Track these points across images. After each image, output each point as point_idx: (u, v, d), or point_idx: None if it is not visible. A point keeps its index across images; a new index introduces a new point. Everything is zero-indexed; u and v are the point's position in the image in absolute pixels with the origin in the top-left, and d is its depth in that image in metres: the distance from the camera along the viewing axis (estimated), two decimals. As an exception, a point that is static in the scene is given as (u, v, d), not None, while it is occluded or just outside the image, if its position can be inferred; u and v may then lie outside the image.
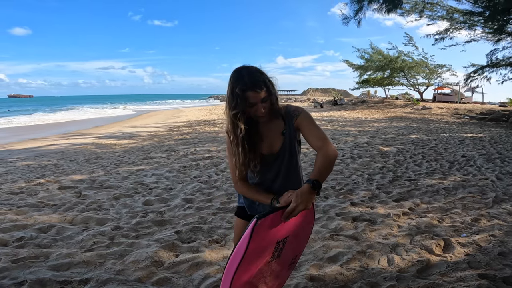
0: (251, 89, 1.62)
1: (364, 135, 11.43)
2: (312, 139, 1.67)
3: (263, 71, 1.71)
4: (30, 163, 7.84)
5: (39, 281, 2.51)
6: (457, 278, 2.49)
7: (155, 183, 5.56)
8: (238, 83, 1.64)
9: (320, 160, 1.57)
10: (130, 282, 2.56)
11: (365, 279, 2.52)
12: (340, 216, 3.89)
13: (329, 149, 1.59)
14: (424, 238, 3.25)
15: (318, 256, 2.92)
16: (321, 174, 1.53)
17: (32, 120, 26.81)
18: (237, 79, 1.66)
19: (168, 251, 3.08)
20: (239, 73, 1.67)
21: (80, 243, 3.26)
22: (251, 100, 1.64)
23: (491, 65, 18.58)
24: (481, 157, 7.40)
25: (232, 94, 1.66)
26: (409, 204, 4.30)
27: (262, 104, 1.66)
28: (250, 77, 1.64)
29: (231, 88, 1.67)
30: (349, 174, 6.02)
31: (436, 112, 22.16)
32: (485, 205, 4.22)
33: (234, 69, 1.72)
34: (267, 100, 1.67)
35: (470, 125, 15.37)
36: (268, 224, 1.47)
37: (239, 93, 1.63)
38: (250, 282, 1.59)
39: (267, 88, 1.66)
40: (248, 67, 1.69)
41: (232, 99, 1.66)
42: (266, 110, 1.70)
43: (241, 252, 1.44)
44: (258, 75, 1.66)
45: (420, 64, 32.34)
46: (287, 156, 1.77)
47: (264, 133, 1.79)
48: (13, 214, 4.04)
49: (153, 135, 13.22)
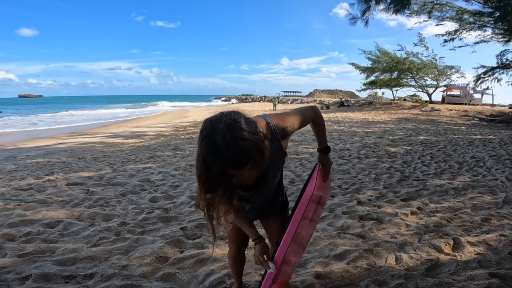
0: (233, 169, 1.26)
1: (371, 136, 11.35)
2: (301, 126, 1.66)
3: (246, 127, 1.25)
4: (39, 160, 7.91)
5: (44, 275, 2.51)
6: (467, 276, 2.44)
7: (161, 180, 5.56)
8: (214, 160, 1.23)
9: (315, 130, 1.83)
10: (135, 277, 2.55)
11: (372, 277, 2.48)
12: (347, 215, 3.85)
13: (313, 118, 1.75)
14: (433, 237, 3.20)
15: (324, 254, 2.89)
16: (322, 139, 1.86)
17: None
18: (211, 151, 1.23)
19: (173, 247, 3.07)
20: (214, 143, 1.22)
21: (86, 238, 3.27)
22: (234, 174, 1.31)
23: (502, 67, 18.31)
24: (491, 158, 7.29)
25: (207, 171, 1.27)
26: (417, 203, 4.24)
27: (248, 172, 1.32)
28: (231, 154, 1.21)
29: (203, 162, 1.26)
30: (356, 173, 5.97)
31: (445, 114, 21.93)
32: (495, 205, 4.14)
33: (203, 130, 1.26)
34: (254, 167, 1.31)
35: (479, 127, 15.18)
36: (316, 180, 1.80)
37: (216, 174, 1.26)
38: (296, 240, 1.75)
39: (253, 159, 1.26)
40: (224, 130, 1.22)
41: (207, 177, 1.29)
42: (253, 174, 1.49)
43: (309, 192, 1.74)
44: (243, 145, 1.22)
45: (429, 66, 32.01)
46: (270, 178, 1.64)
47: (243, 178, 1.52)
48: (21, 210, 4.06)
49: (160, 135, 13.26)
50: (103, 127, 19.75)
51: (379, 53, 33.38)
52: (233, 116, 1.27)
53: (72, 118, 28.82)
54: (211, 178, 1.28)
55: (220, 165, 1.23)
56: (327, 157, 1.89)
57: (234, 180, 1.41)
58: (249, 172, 1.34)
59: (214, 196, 1.35)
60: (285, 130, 1.54)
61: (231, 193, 1.43)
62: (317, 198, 1.83)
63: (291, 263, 1.94)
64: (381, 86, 37.45)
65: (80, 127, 19.82)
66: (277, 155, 1.54)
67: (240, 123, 1.25)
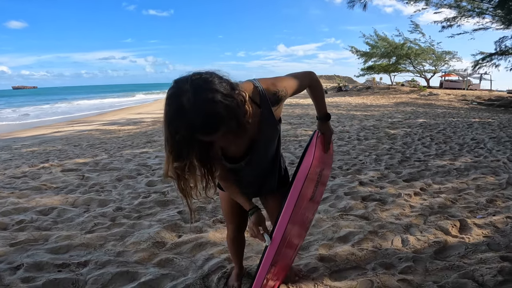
0: (201, 134, 1.14)
1: (370, 119, 11.24)
2: (295, 92, 1.49)
3: (218, 88, 1.11)
4: (35, 149, 7.76)
5: (36, 264, 2.40)
6: (477, 260, 2.33)
7: (159, 164, 5.45)
8: (179, 124, 1.11)
9: (312, 96, 1.66)
10: (130, 264, 2.44)
11: (378, 260, 2.38)
12: (349, 196, 3.75)
13: (310, 83, 1.59)
14: (438, 218, 3.10)
15: (328, 236, 2.79)
16: (321, 106, 1.69)
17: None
18: (175, 114, 1.11)
19: (171, 231, 2.96)
20: (178, 105, 1.09)
21: (80, 225, 3.16)
22: (204, 140, 1.18)
23: (500, 53, 18.16)
24: (491, 140, 7.19)
25: (172, 136, 1.15)
26: (420, 184, 4.15)
27: (222, 138, 1.21)
28: (197, 117, 1.08)
29: (168, 126, 1.14)
30: (356, 154, 5.88)
31: (443, 98, 21.76)
32: (499, 186, 4.05)
33: (168, 93, 1.13)
34: (230, 133, 1.19)
35: (478, 111, 15.06)
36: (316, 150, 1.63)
37: (182, 141, 1.13)
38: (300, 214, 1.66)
39: (226, 124, 1.13)
40: (191, 90, 1.08)
41: (172, 147, 1.17)
42: (229, 141, 1.31)
43: (309, 161, 1.57)
44: (209, 107, 1.09)
45: (427, 51, 31.76)
46: (262, 150, 1.52)
47: (228, 146, 1.42)
48: (15, 197, 3.94)
49: (157, 121, 13.08)
50: (99, 115, 19.56)
51: (377, 38, 33.09)
52: (203, 75, 1.13)
53: (68, 108, 28.50)
54: (177, 144, 1.15)
55: (185, 130, 1.10)
56: (328, 125, 1.73)
57: (217, 149, 1.31)
58: (229, 140, 1.24)
59: (182, 164, 1.21)
60: (277, 95, 1.39)
61: (209, 162, 1.32)
62: (317, 170, 1.68)
63: (293, 245, 1.83)
64: (379, 72, 37.19)
65: (76, 117, 19.60)
66: (268, 122, 1.41)
67: (211, 83, 1.11)
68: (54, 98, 47.32)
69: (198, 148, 1.21)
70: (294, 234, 1.73)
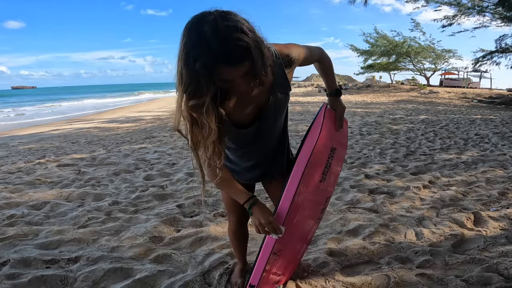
0: (224, 63, 0.98)
1: (371, 116, 11.09)
2: (306, 60, 1.40)
3: (243, 21, 0.98)
4: (32, 146, 7.59)
5: (23, 260, 2.23)
6: (499, 253, 2.17)
7: (157, 159, 5.30)
8: (198, 54, 0.96)
9: (322, 71, 1.60)
10: (125, 259, 2.27)
11: (393, 254, 2.21)
12: (356, 188, 3.60)
13: (320, 57, 1.53)
14: (451, 211, 2.94)
15: (336, 230, 2.63)
16: (331, 82, 1.62)
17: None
18: (198, 43, 0.96)
19: (169, 225, 2.79)
20: (201, 32, 0.95)
21: (73, 220, 2.99)
22: (225, 77, 1.02)
23: (500, 51, 18.05)
24: (495, 135, 7.05)
25: (189, 71, 0.99)
26: (428, 177, 3.99)
27: (242, 80, 1.05)
28: (220, 42, 0.94)
29: (186, 56, 0.98)
30: (360, 148, 5.74)
31: (443, 96, 21.65)
32: (509, 179, 3.90)
33: (188, 24, 1.00)
34: (252, 73, 1.03)
35: (479, 108, 14.93)
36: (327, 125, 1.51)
37: (202, 70, 0.97)
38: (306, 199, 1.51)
39: (252, 57, 0.98)
40: (215, 19, 0.95)
41: (190, 80, 1.01)
42: (249, 86, 1.10)
43: (315, 135, 1.45)
44: (235, 34, 0.95)
45: (427, 49, 31.62)
46: (271, 119, 1.37)
47: (240, 103, 1.24)
48: (8, 192, 3.79)
49: (156, 119, 12.95)
50: (98, 113, 19.37)
51: (377, 36, 32.95)
52: (226, 10, 1.00)
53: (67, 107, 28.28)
54: (195, 74, 0.99)
55: (208, 57, 0.95)
56: (340, 101, 1.60)
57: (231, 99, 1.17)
58: (247, 85, 1.07)
59: (199, 102, 1.04)
60: (290, 57, 1.29)
61: (220, 117, 1.15)
62: (328, 146, 1.52)
63: (301, 232, 1.66)
64: (379, 70, 37.06)
65: (75, 116, 19.41)
66: (281, 84, 1.29)
67: (236, 15, 0.99)
68: (53, 98, 47.04)
69: (215, 86, 1.05)
70: (302, 219, 1.56)
